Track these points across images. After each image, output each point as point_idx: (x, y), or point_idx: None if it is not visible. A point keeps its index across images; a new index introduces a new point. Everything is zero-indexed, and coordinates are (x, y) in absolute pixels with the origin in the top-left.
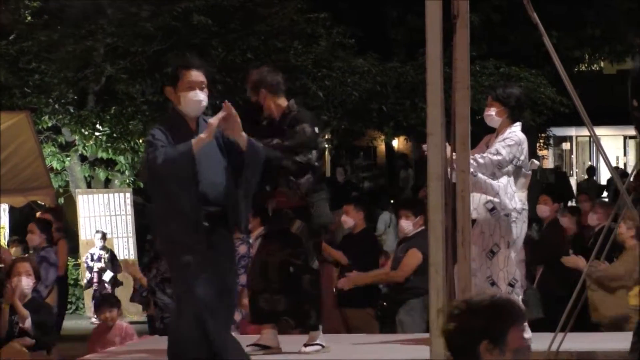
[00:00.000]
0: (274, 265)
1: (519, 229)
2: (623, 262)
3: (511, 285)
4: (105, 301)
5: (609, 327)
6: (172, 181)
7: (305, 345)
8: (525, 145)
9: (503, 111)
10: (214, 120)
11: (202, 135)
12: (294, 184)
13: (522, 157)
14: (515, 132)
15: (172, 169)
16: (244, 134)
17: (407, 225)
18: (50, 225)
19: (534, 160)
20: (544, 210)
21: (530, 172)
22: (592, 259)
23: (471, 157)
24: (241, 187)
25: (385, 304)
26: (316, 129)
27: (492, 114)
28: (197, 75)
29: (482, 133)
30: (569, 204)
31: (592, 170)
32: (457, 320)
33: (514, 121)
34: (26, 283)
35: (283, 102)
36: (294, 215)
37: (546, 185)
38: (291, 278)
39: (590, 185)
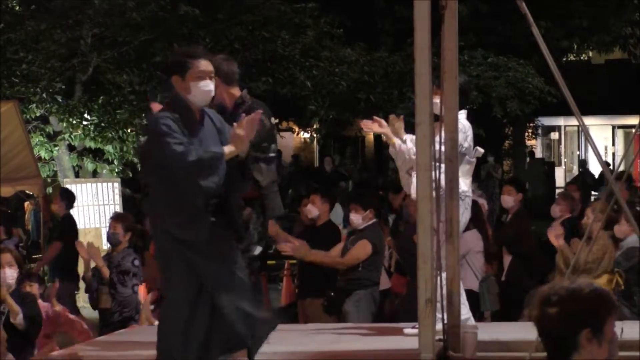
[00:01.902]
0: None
1: (461, 214)
2: (591, 250)
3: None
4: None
5: None
6: (195, 180)
7: None
8: (470, 133)
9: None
10: (242, 133)
11: (233, 148)
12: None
13: (465, 144)
14: (460, 119)
15: (202, 171)
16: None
17: (357, 218)
18: (10, 217)
19: (478, 147)
20: (508, 200)
21: (474, 159)
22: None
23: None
24: (244, 187)
25: (332, 294)
26: (272, 120)
27: (437, 102)
28: (206, 65)
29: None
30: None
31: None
32: (558, 305)
33: (459, 109)
34: (10, 274)
35: (236, 91)
36: (244, 204)
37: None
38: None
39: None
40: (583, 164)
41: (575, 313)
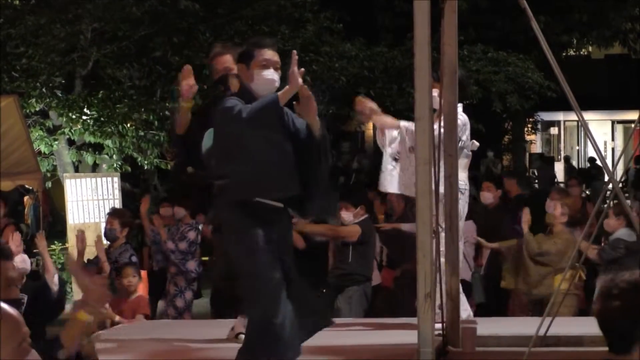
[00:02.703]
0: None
1: (461, 208)
2: (553, 242)
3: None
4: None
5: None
6: (256, 134)
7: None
8: (468, 126)
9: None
10: (294, 69)
11: (288, 87)
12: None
13: (464, 138)
14: (458, 113)
15: (259, 120)
16: (317, 117)
17: (348, 216)
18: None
19: (474, 141)
20: (488, 197)
21: (470, 153)
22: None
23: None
24: (324, 165)
25: (324, 290)
26: None
27: (435, 95)
28: (272, 55)
29: (468, 117)
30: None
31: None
32: (619, 298)
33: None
34: (21, 260)
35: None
36: None
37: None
38: None
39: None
40: (567, 159)
41: (637, 306)
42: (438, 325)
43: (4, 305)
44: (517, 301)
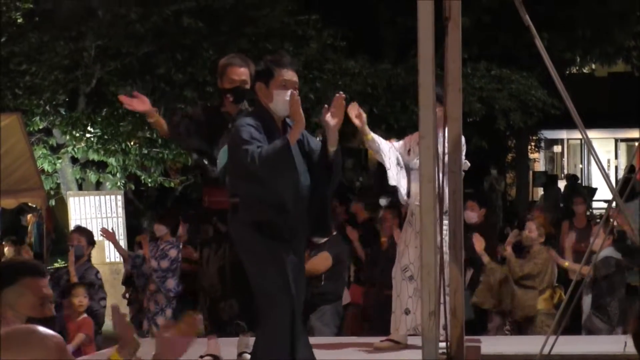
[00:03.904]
0: (230, 269)
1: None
2: (534, 264)
3: None
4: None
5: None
6: (272, 176)
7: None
8: (464, 146)
9: (442, 110)
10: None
11: (295, 128)
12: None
13: (462, 157)
14: None
15: (271, 166)
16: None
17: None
18: None
19: (466, 161)
20: (472, 216)
21: (463, 172)
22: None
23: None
24: (329, 188)
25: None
26: None
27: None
28: (292, 75)
29: (470, 135)
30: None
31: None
32: None
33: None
34: None
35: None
36: None
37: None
38: (245, 280)
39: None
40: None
41: None
42: (442, 344)
43: (44, 330)
44: (492, 320)
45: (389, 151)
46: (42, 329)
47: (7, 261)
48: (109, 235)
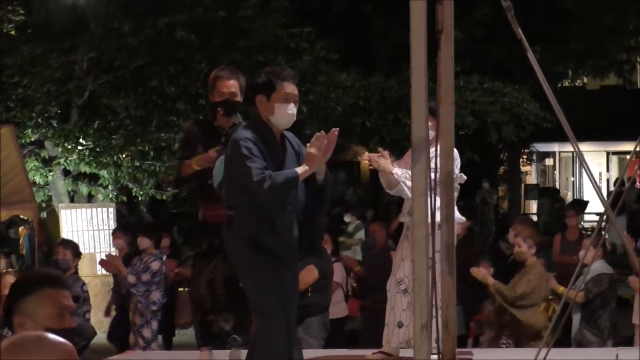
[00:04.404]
0: (220, 282)
1: None
2: (527, 281)
3: None
4: None
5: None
6: (274, 206)
7: None
8: (459, 159)
9: (434, 125)
10: (315, 151)
11: (307, 167)
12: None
13: (456, 171)
14: None
15: (276, 197)
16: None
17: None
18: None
19: (462, 174)
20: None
21: (459, 185)
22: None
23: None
24: (322, 209)
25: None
26: None
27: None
28: (293, 89)
29: (463, 148)
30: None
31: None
32: None
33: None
34: None
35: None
36: None
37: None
38: (239, 294)
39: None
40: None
41: None
42: (434, 357)
43: (54, 337)
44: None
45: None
46: (52, 336)
47: (28, 271)
48: (108, 266)
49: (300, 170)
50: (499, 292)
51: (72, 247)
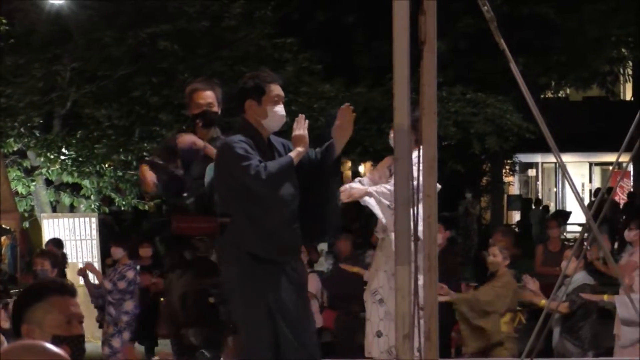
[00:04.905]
0: (192, 296)
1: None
2: (493, 287)
3: None
4: None
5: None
6: (272, 195)
7: None
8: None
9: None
10: (302, 132)
11: (299, 149)
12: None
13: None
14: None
15: (276, 184)
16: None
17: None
18: None
19: (437, 184)
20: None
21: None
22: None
23: (385, 187)
24: (327, 193)
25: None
26: None
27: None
28: (280, 91)
29: (446, 159)
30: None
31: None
32: None
33: (419, 144)
34: None
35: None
36: (211, 242)
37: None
38: (210, 309)
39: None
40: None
41: None
42: None
43: (49, 346)
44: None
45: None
46: (48, 345)
47: (36, 279)
48: (85, 275)
49: (293, 154)
50: (465, 301)
51: (50, 257)
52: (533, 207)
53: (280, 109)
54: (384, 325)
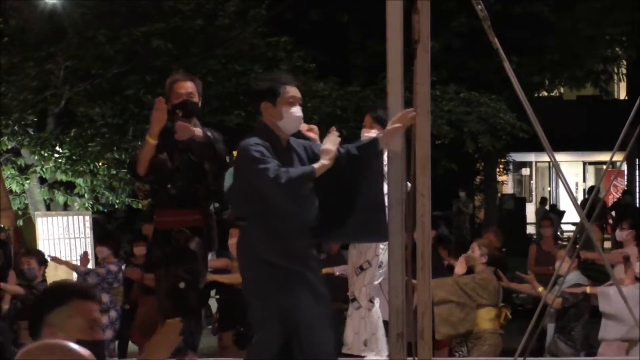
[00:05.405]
0: (167, 283)
1: None
2: (473, 278)
3: (371, 301)
4: None
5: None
6: (292, 202)
7: None
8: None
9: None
10: (331, 147)
11: (324, 162)
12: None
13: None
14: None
15: (295, 190)
16: None
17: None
18: None
19: (408, 182)
20: None
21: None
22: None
23: None
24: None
25: (242, 329)
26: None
27: (374, 136)
28: (295, 91)
29: (439, 157)
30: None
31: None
32: None
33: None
34: None
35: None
36: (191, 234)
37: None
38: (180, 294)
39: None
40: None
41: None
42: None
43: (74, 345)
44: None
45: None
46: (72, 344)
47: (58, 283)
48: (55, 259)
49: (317, 165)
50: (444, 285)
51: (36, 255)
52: (538, 205)
53: (296, 110)
54: (361, 326)
